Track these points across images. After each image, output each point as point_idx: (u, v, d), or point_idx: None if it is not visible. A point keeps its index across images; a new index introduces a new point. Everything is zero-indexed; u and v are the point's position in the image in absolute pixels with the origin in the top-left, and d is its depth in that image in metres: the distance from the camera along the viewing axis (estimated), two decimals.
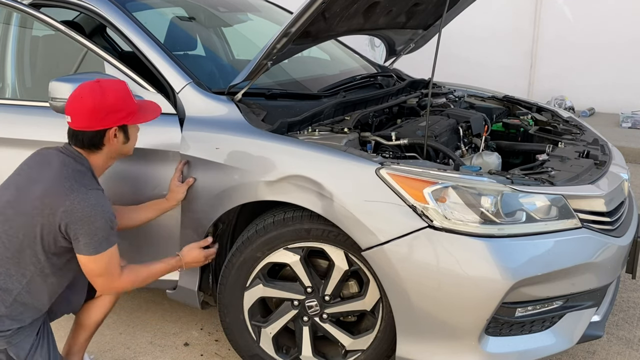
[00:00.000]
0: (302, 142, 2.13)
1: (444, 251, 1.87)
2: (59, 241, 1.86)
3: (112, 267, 1.92)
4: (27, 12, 2.54)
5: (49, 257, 1.88)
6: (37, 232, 1.84)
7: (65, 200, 1.82)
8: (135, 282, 2.03)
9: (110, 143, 1.99)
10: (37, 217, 1.83)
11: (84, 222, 1.82)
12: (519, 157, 2.80)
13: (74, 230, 1.83)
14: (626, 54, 7.29)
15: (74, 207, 1.82)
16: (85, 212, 1.82)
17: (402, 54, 3.57)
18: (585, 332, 2.09)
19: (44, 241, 1.85)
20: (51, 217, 1.82)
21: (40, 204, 1.84)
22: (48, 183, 1.87)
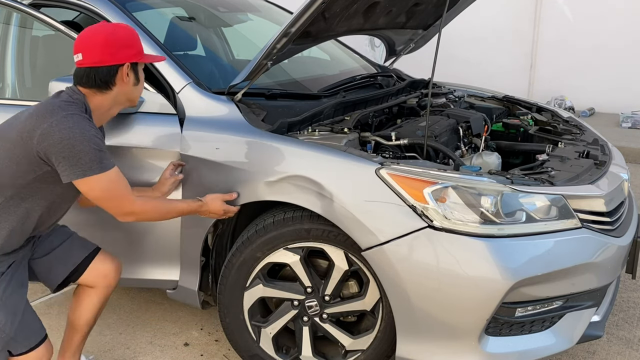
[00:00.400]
0: (302, 142, 2.13)
1: (444, 251, 1.88)
2: (35, 167, 1.80)
3: (117, 190, 1.86)
4: (27, 12, 2.54)
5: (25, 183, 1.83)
6: (14, 155, 1.80)
7: (42, 123, 1.76)
8: (156, 210, 1.98)
9: (122, 82, 1.93)
10: (17, 140, 1.79)
11: (62, 146, 1.75)
12: (519, 157, 2.80)
13: (53, 155, 1.76)
14: (626, 54, 7.29)
15: (51, 129, 1.75)
16: (62, 134, 1.75)
17: (402, 54, 3.57)
18: (585, 332, 2.09)
19: (21, 165, 1.80)
20: (28, 141, 1.77)
21: (21, 127, 1.79)
22: (33, 110, 1.84)
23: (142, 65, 2.02)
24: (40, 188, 1.86)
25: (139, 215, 1.94)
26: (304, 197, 2.05)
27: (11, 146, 1.81)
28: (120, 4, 2.57)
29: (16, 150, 1.79)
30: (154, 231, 2.38)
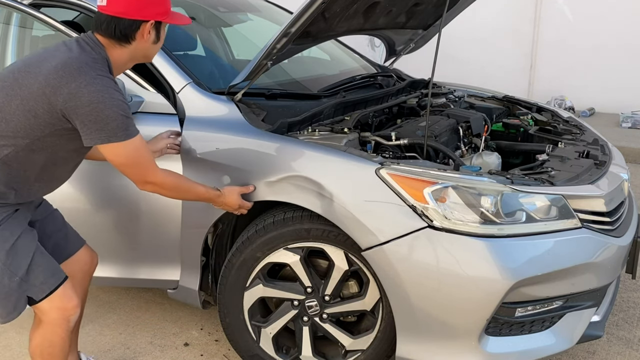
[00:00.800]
0: (302, 142, 2.13)
1: (444, 251, 1.87)
2: (55, 122, 1.75)
3: (140, 157, 1.83)
4: (27, 12, 2.54)
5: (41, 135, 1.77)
6: (33, 107, 1.73)
7: (70, 82, 1.69)
8: (176, 185, 1.95)
9: (142, 39, 1.86)
10: (38, 94, 1.72)
11: (90, 109, 1.69)
12: (519, 157, 2.80)
13: (80, 117, 1.71)
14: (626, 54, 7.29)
15: (80, 90, 1.69)
16: (91, 97, 1.69)
17: (402, 54, 3.57)
18: (585, 332, 2.09)
19: (39, 119, 1.74)
20: (52, 97, 1.70)
21: (43, 80, 1.72)
22: (56, 62, 1.74)
23: (165, 24, 1.94)
24: (54, 143, 1.81)
25: (158, 186, 1.91)
26: (304, 197, 2.05)
27: (31, 98, 1.73)
28: None
29: (37, 104, 1.73)
30: (155, 230, 2.38)
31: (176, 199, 2.04)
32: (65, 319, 1.92)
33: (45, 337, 1.93)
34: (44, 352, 1.95)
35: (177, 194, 2.00)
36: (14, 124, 1.75)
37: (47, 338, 1.93)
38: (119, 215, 2.42)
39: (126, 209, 2.40)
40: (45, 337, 1.93)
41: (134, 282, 2.49)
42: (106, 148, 1.77)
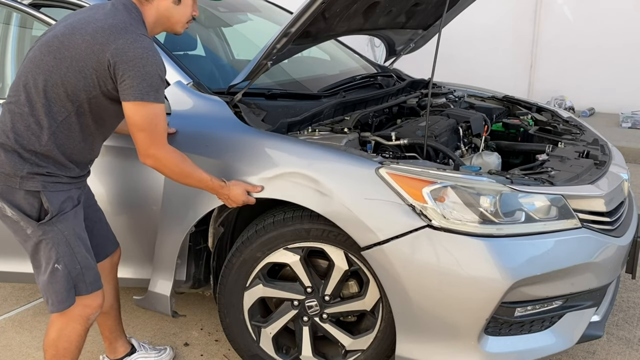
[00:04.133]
0: (302, 141, 2.13)
1: (443, 251, 1.88)
2: (103, 81, 1.80)
3: (156, 125, 1.84)
4: (27, 12, 2.54)
5: (90, 97, 1.82)
6: (83, 67, 1.78)
7: (118, 39, 1.76)
8: (179, 164, 1.93)
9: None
10: (87, 52, 1.77)
11: (134, 63, 1.75)
12: (519, 157, 2.80)
13: (122, 70, 1.75)
14: (626, 54, 7.29)
15: (126, 46, 1.75)
16: (136, 52, 1.76)
17: (402, 54, 3.57)
18: (585, 332, 2.09)
19: (88, 79, 1.79)
20: (100, 54, 1.76)
21: (91, 39, 1.77)
22: (102, 22, 1.80)
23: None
24: (99, 105, 1.85)
25: (161, 161, 1.89)
26: (303, 196, 2.05)
27: (80, 58, 1.78)
28: None
29: (86, 63, 1.77)
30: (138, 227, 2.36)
31: (176, 180, 2.00)
32: (86, 317, 1.95)
33: (63, 332, 1.95)
34: (60, 346, 1.96)
35: (178, 175, 1.96)
36: (65, 86, 1.79)
37: (65, 333, 1.95)
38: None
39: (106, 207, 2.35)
40: (63, 332, 1.95)
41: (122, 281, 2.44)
42: (133, 105, 1.79)
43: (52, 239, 1.84)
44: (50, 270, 1.85)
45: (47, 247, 1.84)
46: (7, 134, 1.82)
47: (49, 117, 1.81)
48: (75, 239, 1.89)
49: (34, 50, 1.84)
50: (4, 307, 3.00)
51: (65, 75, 1.78)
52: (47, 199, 1.82)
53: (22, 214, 1.82)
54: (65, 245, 1.86)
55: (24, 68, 1.84)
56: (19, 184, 1.81)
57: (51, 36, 1.83)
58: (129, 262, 2.41)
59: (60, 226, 1.85)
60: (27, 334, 2.74)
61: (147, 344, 2.47)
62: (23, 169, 1.80)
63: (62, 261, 1.85)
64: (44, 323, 2.83)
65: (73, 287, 1.89)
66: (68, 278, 1.87)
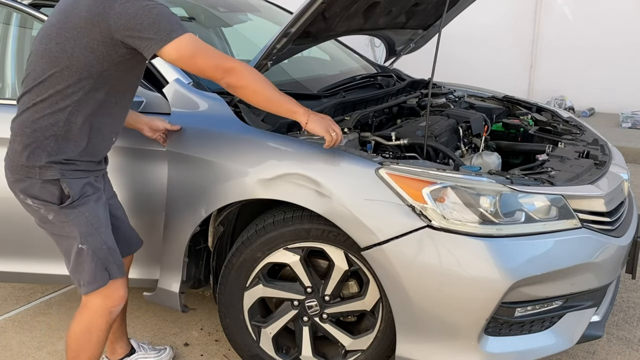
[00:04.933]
0: (302, 142, 2.12)
1: (442, 251, 1.88)
2: (112, 50, 1.77)
3: (206, 45, 1.78)
4: (27, 12, 2.54)
5: (103, 69, 1.80)
6: (88, 42, 1.75)
7: (113, 3, 1.72)
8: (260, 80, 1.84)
9: None
10: (88, 26, 1.74)
11: (141, 14, 1.70)
12: (519, 157, 2.80)
13: (132, 28, 1.70)
14: (626, 54, 7.29)
15: (125, 5, 1.71)
16: (137, 5, 1.71)
17: (402, 54, 3.57)
18: (585, 332, 2.09)
19: (96, 52, 1.76)
20: (102, 24, 1.72)
21: (87, 14, 1.74)
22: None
23: None
24: (113, 76, 1.84)
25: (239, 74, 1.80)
26: (303, 196, 2.05)
27: (83, 35, 1.75)
28: None
29: (90, 38, 1.75)
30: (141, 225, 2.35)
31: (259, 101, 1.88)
32: (108, 310, 1.95)
33: (85, 325, 1.95)
34: (80, 339, 1.97)
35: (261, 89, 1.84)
36: (75, 66, 1.78)
37: (87, 326, 1.95)
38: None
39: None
40: (86, 325, 1.95)
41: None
42: (169, 48, 1.73)
43: (73, 221, 1.86)
44: (75, 251, 1.87)
45: (69, 229, 1.86)
46: (24, 127, 1.83)
47: (64, 99, 1.81)
48: (97, 219, 1.90)
49: (35, 45, 1.86)
50: (4, 307, 3.00)
51: (72, 56, 1.77)
52: (67, 184, 1.84)
53: (42, 202, 1.84)
54: (87, 226, 1.87)
55: (31, 63, 1.85)
56: (38, 174, 1.83)
57: (47, 26, 1.84)
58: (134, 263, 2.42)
59: (82, 208, 1.87)
60: (27, 334, 2.74)
61: (147, 344, 2.47)
62: (41, 159, 1.82)
63: (86, 241, 1.86)
64: (44, 323, 2.84)
65: (103, 267, 1.89)
66: (94, 257, 1.87)
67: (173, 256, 2.31)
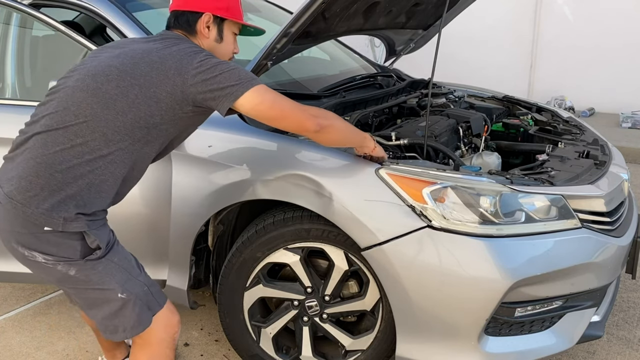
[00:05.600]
0: (302, 142, 2.13)
1: (443, 251, 1.88)
2: (178, 104, 1.69)
3: (282, 101, 1.73)
4: (27, 12, 2.54)
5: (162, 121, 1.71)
6: (155, 92, 1.67)
7: (192, 60, 1.68)
8: (336, 121, 1.84)
9: (201, 34, 1.84)
10: (158, 78, 1.67)
11: (218, 68, 1.67)
12: (519, 157, 2.80)
13: (208, 82, 1.66)
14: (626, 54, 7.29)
15: (204, 62, 1.68)
16: (215, 61, 1.69)
17: (402, 54, 3.57)
18: (585, 332, 2.09)
19: (161, 103, 1.68)
20: (177, 78, 1.66)
21: (161, 66, 1.68)
22: (167, 50, 1.72)
23: (231, 25, 1.91)
24: (167, 131, 1.76)
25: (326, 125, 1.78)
26: (303, 197, 2.05)
27: (152, 84, 1.67)
28: (120, 4, 2.57)
29: (158, 89, 1.67)
30: (143, 228, 2.36)
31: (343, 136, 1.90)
32: (171, 337, 1.83)
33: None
34: None
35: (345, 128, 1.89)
36: (133, 113, 1.67)
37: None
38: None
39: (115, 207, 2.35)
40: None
41: None
42: (249, 96, 1.68)
43: (103, 271, 1.69)
44: (116, 302, 1.70)
45: (100, 280, 1.68)
46: (54, 170, 1.63)
47: (109, 145, 1.67)
48: (127, 262, 1.76)
49: (81, 79, 1.70)
50: (4, 307, 3.00)
51: (133, 103, 1.67)
52: (95, 237, 1.67)
53: (58, 258, 1.65)
54: (121, 272, 1.71)
55: (70, 97, 1.68)
56: (62, 225, 1.62)
57: (105, 66, 1.71)
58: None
59: (108, 256, 1.71)
60: (27, 334, 2.74)
61: None
62: (69, 209, 1.63)
63: (126, 289, 1.70)
64: (44, 323, 2.84)
65: (147, 308, 1.74)
66: (137, 302, 1.72)
67: (181, 255, 2.32)
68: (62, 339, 2.70)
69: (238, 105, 1.68)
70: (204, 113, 1.79)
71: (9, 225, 1.65)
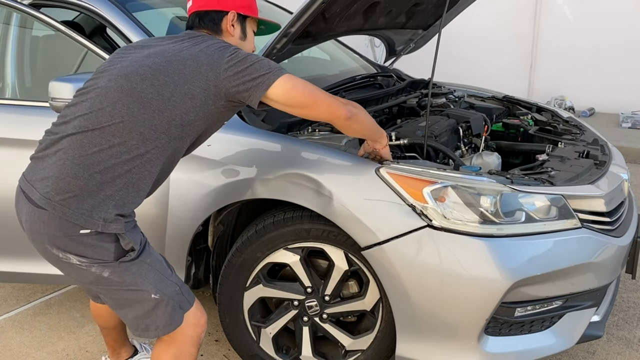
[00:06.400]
0: (302, 142, 2.13)
1: (443, 251, 1.88)
2: (212, 99, 1.71)
3: (313, 89, 1.75)
4: (27, 12, 2.55)
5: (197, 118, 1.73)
6: (189, 89, 1.69)
7: (223, 55, 1.70)
8: (362, 111, 1.85)
9: (228, 32, 1.88)
10: (193, 75, 1.69)
11: (248, 59, 1.70)
12: (519, 157, 2.80)
13: (242, 74, 1.68)
14: (626, 54, 7.29)
15: (234, 55, 1.70)
16: (244, 53, 1.73)
17: (402, 54, 3.57)
18: (585, 332, 2.09)
19: (196, 99, 1.70)
20: (210, 73, 1.69)
21: (194, 63, 1.70)
22: (197, 47, 1.74)
23: (252, 23, 1.96)
24: (200, 127, 1.77)
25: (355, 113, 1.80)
26: (303, 196, 2.05)
27: (186, 81, 1.69)
28: (120, 4, 2.57)
29: (193, 85, 1.69)
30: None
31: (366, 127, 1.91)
32: (198, 336, 1.83)
33: (178, 359, 1.82)
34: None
35: (366, 120, 1.88)
36: (169, 111, 1.68)
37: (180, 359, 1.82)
38: None
39: None
40: (178, 359, 1.82)
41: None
42: (281, 84, 1.70)
43: (137, 272, 1.70)
44: (149, 302, 1.71)
45: (134, 281, 1.70)
46: (93, 172, 1.63)
47: (145, 144, 1.67)
48: (159, 263, 1.77)
49: (114, 79, 1.70)
50: (4, 307, 3.00)
51: (169, 100, 1.68)
52: (129, 238, 1.68)
53: (94, 260, 1.66)
54: (154, 273, 1.73)
55: (106, 98, 1.68)
56: (101, 226, 1.63)
57: (139, 66, 1.71)
58: None
59: (142, 257, 1.72)
60: (27, 334, 2.74)
61: (148, 345, 2.47)
62: (108, 209, 1.64)
63: (159, 290, 1.72)
64: (44, 323, 2.84)
65: (178, 307, 1.76)
66: (170, 302, 1.73)
67: (177, 255, 2.31)
68: (62, 339, 2.70)
69: (270, 93, 1.70)
70: (233, 108, 1.80)
71: (45, 227, 1.64)
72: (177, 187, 2.24)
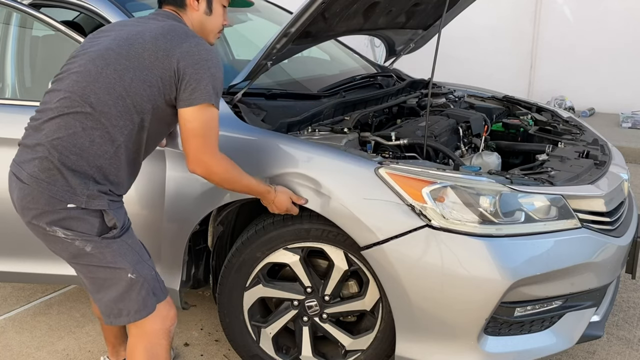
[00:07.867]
0: (302, 141, 2.13)
1: (442, 250, 1.88)
2: (167, 89, 1.74)
3: (211, 130, 1.78)
4: (27, 12, 2.54)
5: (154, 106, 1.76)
6: (147, 75, 1.72)
7: (182, 42, 1.73)
8: (228, 171, 1.86)
9: (191, 7, 1.90)
10: (151, 60, 1.72)
11: (201, 65, 1.72)
12: (519, 157, 2.80)
13: (189, 74, 1.71)
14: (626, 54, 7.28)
15: (192, 49, 1.72)
16: (202, 55, 1.73)
17: (402, 54, 3.57)
18: (585, 332, 2.10)
19: (153, 87, 1.73)
20: (166, 61, 1.71)
21: (153, 46, 1.72)
22: (159, 30, 1.76)
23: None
24: (159, 116, 1.80)
25: (212, 168, 1.82)
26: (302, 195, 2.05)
27: (144, 67, 1.72)
28: (120, 4, 2.56)
29: (150, 72, 1.72)
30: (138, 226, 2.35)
31: (223, 186, 1.95)
32: (167, 329, 1.85)
33: (150, 352, 1.84)
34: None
35: (227, 181, 1.90)
36: (131, 97, 1.73)
37: (153, 352, 1.84)
38: None
39: None
40: (149, 352, 1.84)
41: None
42: (195, 109, 1.74)
43: (117, 250, 1.75)
44: (125, 281, 1.75)
45: (113, 259, 1.74)
46: (69, 152, 1.70)
47: (115, 130, 1.73)
48: (139, 246, 1.83)
49: (83, 64, 1.75)
50: (4, 307, 3.00)
51: (130, 86, 1.72)
52: (112, 215, 1.74)
53: (78, 233, 1.71)
54: (133, 254, 1.78)
55: (76, 83, 1.73)
56: (85, 202, 1.70)
57: (102, 49, 1.76)
58: None
59: (124, 237, 1.78)
60: (27, 334, 2.75)
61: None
62: (88, 186, 1.71)
63: (136, 270, 1.76)
64: (44, 323, 2.84)
65: (152, 293, 1.79)
66: (145, 285, 1.77)
67: (173, 254, 2.31)
68: (63, 339, 2.70)
69: (183, 110, 1.75)
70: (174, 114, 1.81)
71: (34, 202, 1.71)
72: (173, 186, 2.24)
